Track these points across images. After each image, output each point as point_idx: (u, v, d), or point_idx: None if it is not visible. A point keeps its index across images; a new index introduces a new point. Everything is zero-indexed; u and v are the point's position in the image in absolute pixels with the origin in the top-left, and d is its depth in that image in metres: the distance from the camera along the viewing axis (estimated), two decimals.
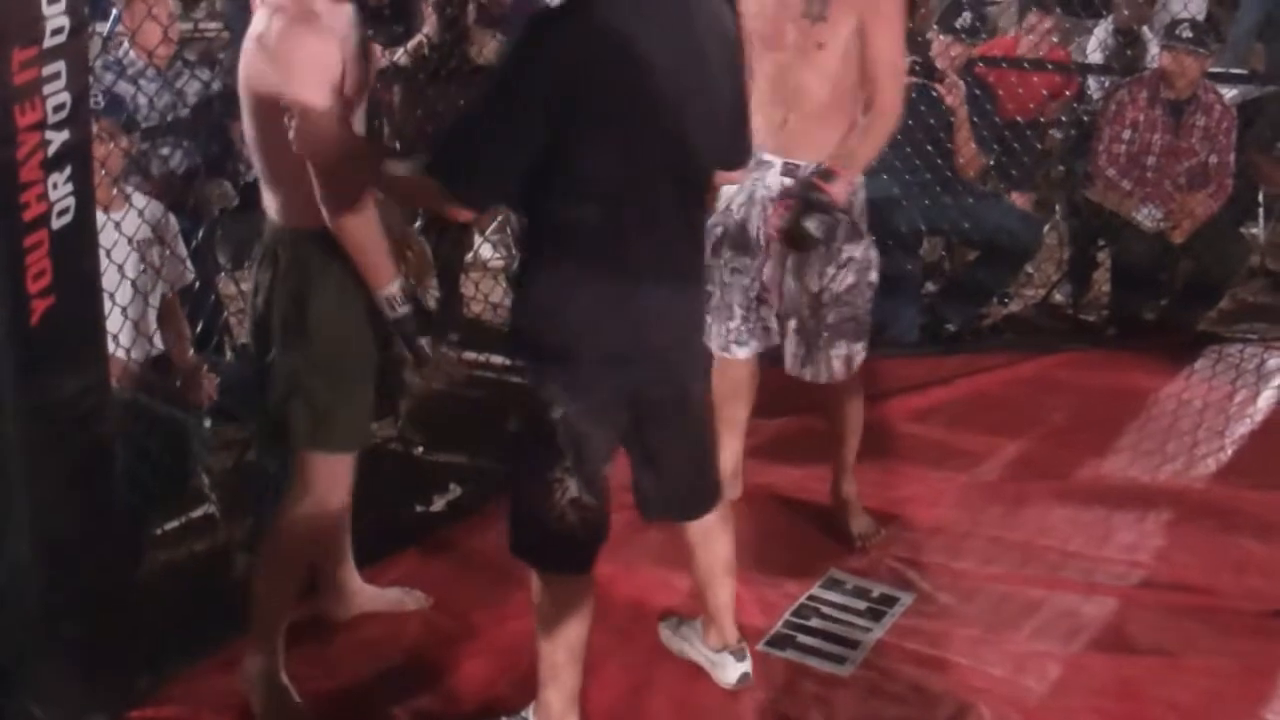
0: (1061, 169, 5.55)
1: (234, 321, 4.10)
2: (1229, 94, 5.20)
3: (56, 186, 2.43)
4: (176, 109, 4.25)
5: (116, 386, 2.94)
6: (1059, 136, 5.64)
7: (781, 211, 3.11)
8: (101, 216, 2.79)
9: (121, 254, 3.28)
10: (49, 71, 2.37)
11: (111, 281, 3.12)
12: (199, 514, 3.50)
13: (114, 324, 3.14)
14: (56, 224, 2.44)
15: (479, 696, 2.90)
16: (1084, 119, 5.45)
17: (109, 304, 2.99)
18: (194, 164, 4.16)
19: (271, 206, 2.66)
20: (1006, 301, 5.32)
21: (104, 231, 2.83)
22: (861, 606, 3.23)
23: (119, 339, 3.26)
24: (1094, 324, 5.18)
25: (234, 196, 4.06)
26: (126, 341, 3.35)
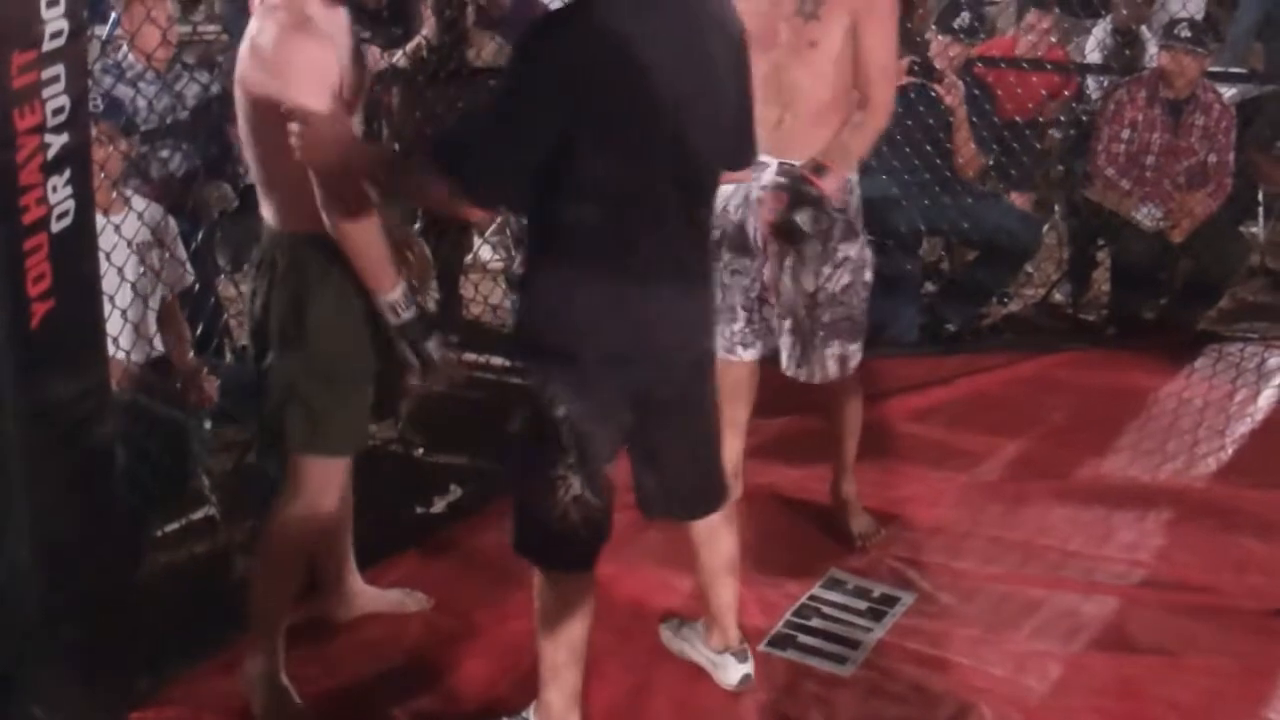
0: (1061, 169, 5.55)
1: (234, 324, 4.10)
2: (1228, 93, 5.20)
3: (56, 190, 2.42)
4: (176, 112, 4.26)
5: (117, 389, 2.94)
6: (1058, 136, 5.64)
7: (772, 205, 3.11)
8: (101, 219, 2.79)
9: (121, 257, 3.29)
10: (48, 75, 2.37)
11: (111, 284, 3.12)
12: (199, 516, 3.50)
13: (114, 326, 3.15)
14: (56, 227, 2.44)
15: (480, 697, 2.90)
16: (1083, 119, 5.45)
17: (109, 306, 3.00)
18: (193, 166, 4.17)
19: (269, 211, 2.66)
20: (1006, 301, 5.32)
21: (104, 234, 2.83)
22: (862, 606, 3.23)
23: (119, 341, 3.26)
24: (1094, 323, 5.18)
25: (233, 199, 4.06)
26: (127, 344, 3.35)
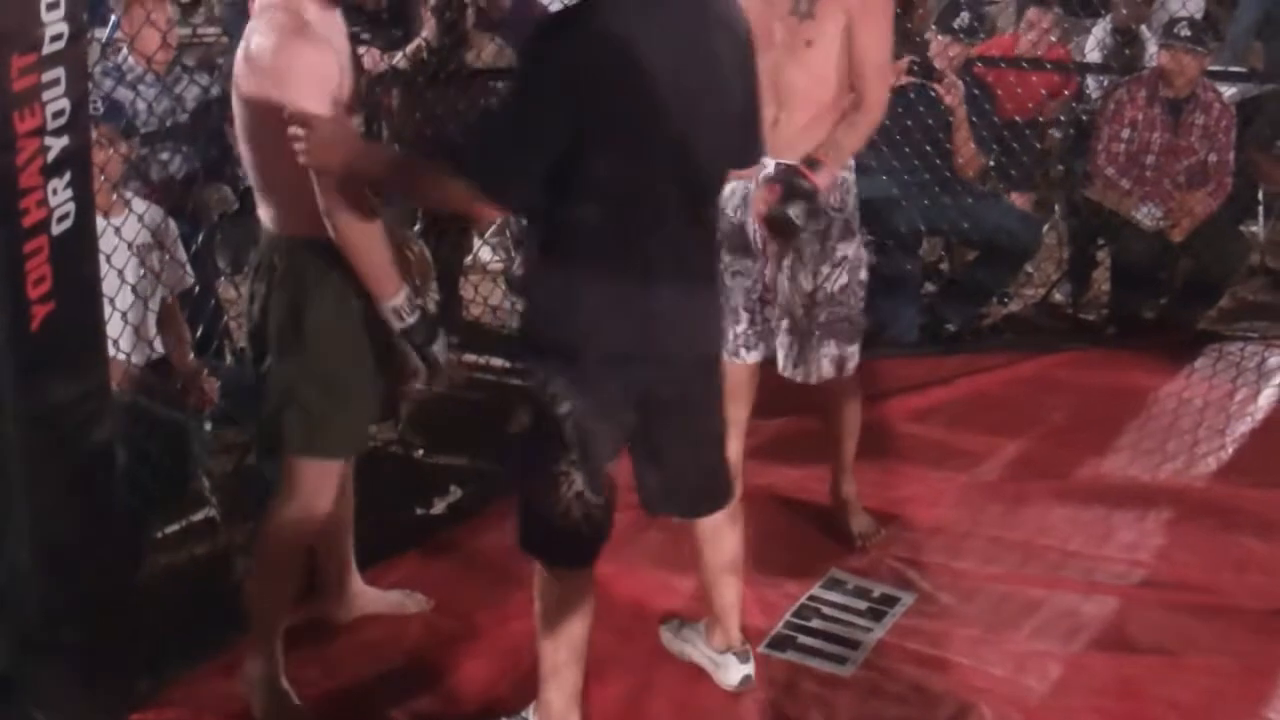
0: (1061, 168, 5.55)
1: (234, 326, 4.11)
2: (1228, 92, 5.20)
3: (56, 192, 2.43)
4: (175, 114, 4.26)
5: (117, 390, 2.94)
6: (1058, 136, 5.64)
7: (765, 197, 3.12)
8: (101, 222, 2.79)
9: (121, 259, 3.29)
10: (48, 78, 2.37)
11: (111, 286, 3.13)
12: (199, 517, 3.51)
13: (114, 329, 3.15)
14: (56, 229, 2.44)
15: (480, 698, 2.90)
16: (1083, 118, 5.45)
17: (109, 308, 3.00)
18: (193, 169, 4.17)
19: (267, 215, 2.65)
20: (1006, 301, 5.32)
21: (104, 237, 2.83)
22: (862, 607, 3.23)
23: (119, 343, 3.26)
24: (1094, 323, 5.18)
25: (233, 201, 4.06)
26: (127, 346, 3.35)
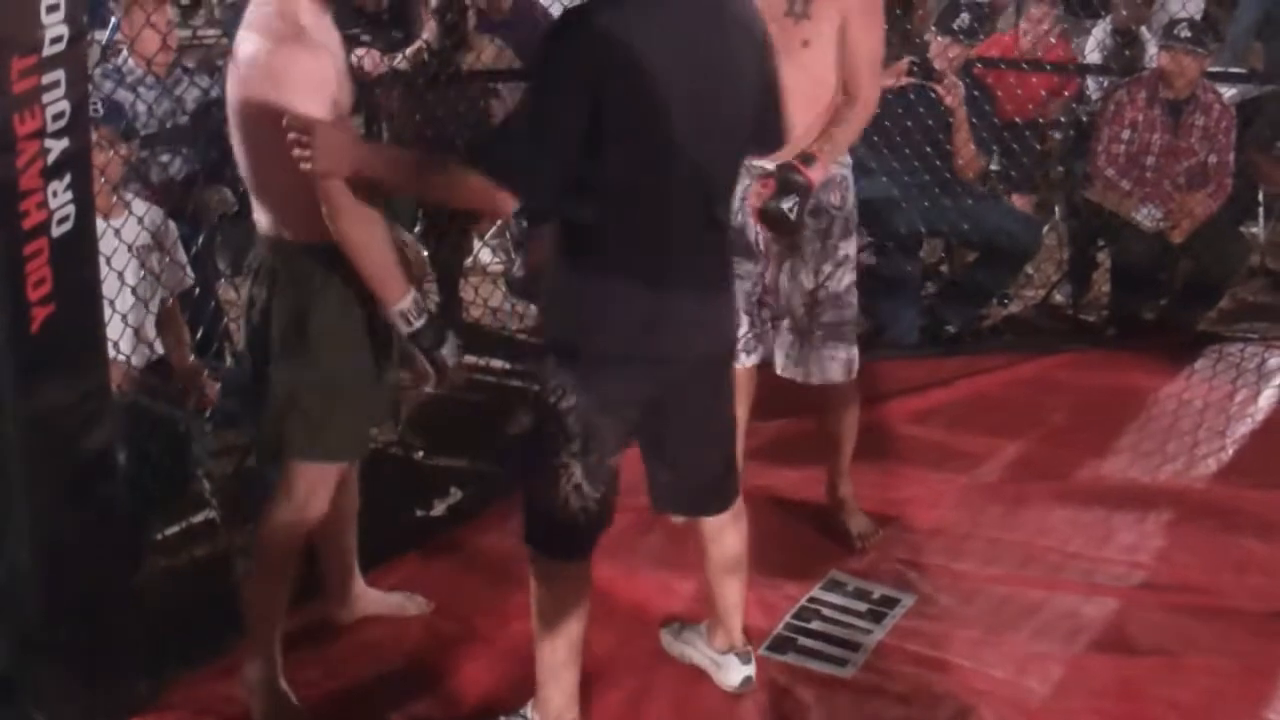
0: (1061, 170, 5.55)
1: (234, 327, 4.11)
2: (1228, 93, 5.20)
3: (56, 194, 2.43)
4: (176, 116, 4.26)
5: (117, 392, 2.94)
6: (1058, 137, 5.64)
7: (759, 192, 3.13)
8: (101, 223, 2.79)
9: (121, 261, 3.29)
10: (48, 80, 2.37)
11: (112, 288, 3.13)
12: (199, 519, 3.51)
13: (114, 330, 3.15)
14: (56, 232, 2.44)
15: (480, 699, 2.90)
16: (1083, 119, 5.45)
17: (109, 310, 3.00)
18: (193, 170, 4.17)
19: (265, 220, 2.63)
20: (1006, 302, 5.33)
21: (104, 238, 2.83)
22: (862, 608, 3.23)
23: (119, 345, 3.26)
24: (1094, 324, 5.18)
25: (233, 202, 4.06)
26: (127, 348, 3.35)
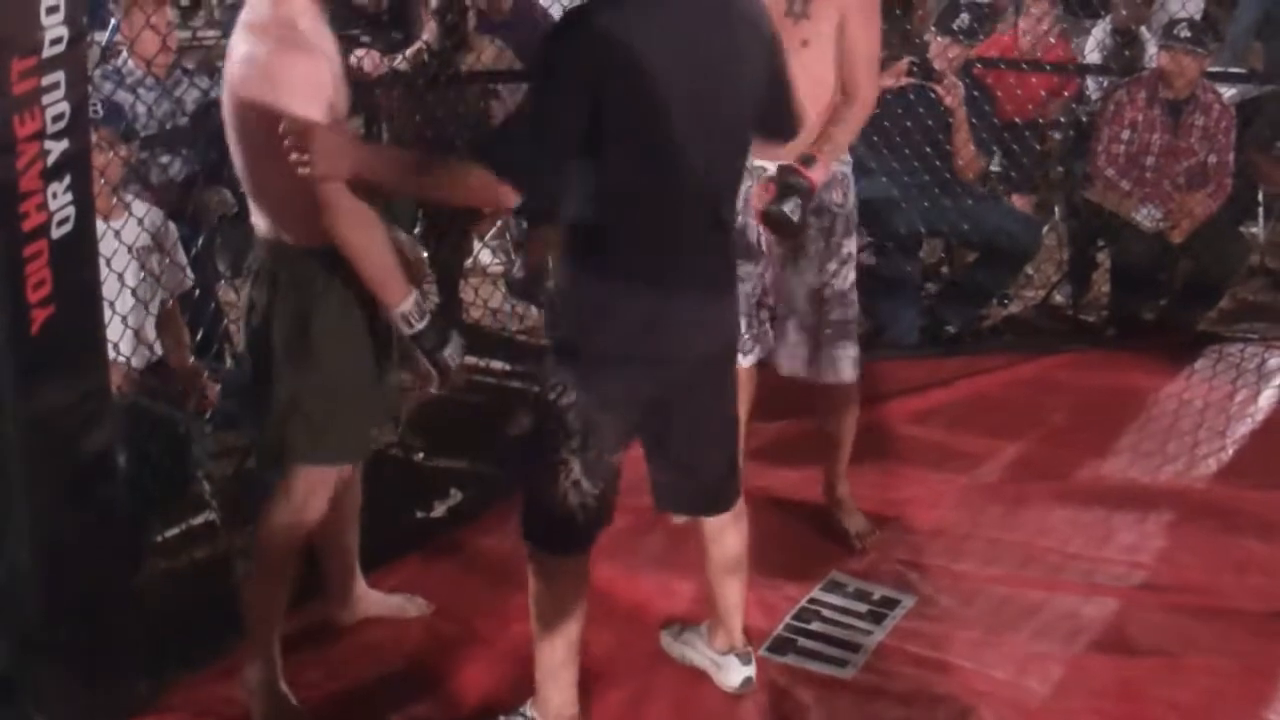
0: (1061, 170, 5.55)
1: (233, 329, 4.11)
2: (1228, 93, 5.20)
3: (56, 196, 2.43)
4: (175, 117, 4.26)
5: (117, 393, 2.94)
6: (1058, 138, 5.64)
7: (761, 195, 3.14)
8: (101, 225, 2.79)
9: (121, 262, 3.29)
10: (48, 81, 2.37)
11: (112, 290, 3.13)
12: (200, 521, 3.50)
13: (114, 332, 3.15)
14: (56, 233, 2.44)
15: (481, 701, 2.89)
16: (1082, 120, 5.45)
17: (109, 312, 3.00)
18: (193, 172, 4.17)
19: (264, 224, 2.63)
20: (1006, 303, 5.32)
21: (104, 240, 2.83)
22: (862, 609, 3.23)
23: (119, 347, 3.26)
24: (1094, 324, 5.18)
25: (233, 204, 4.06)
26: (127, 349, 3.35)
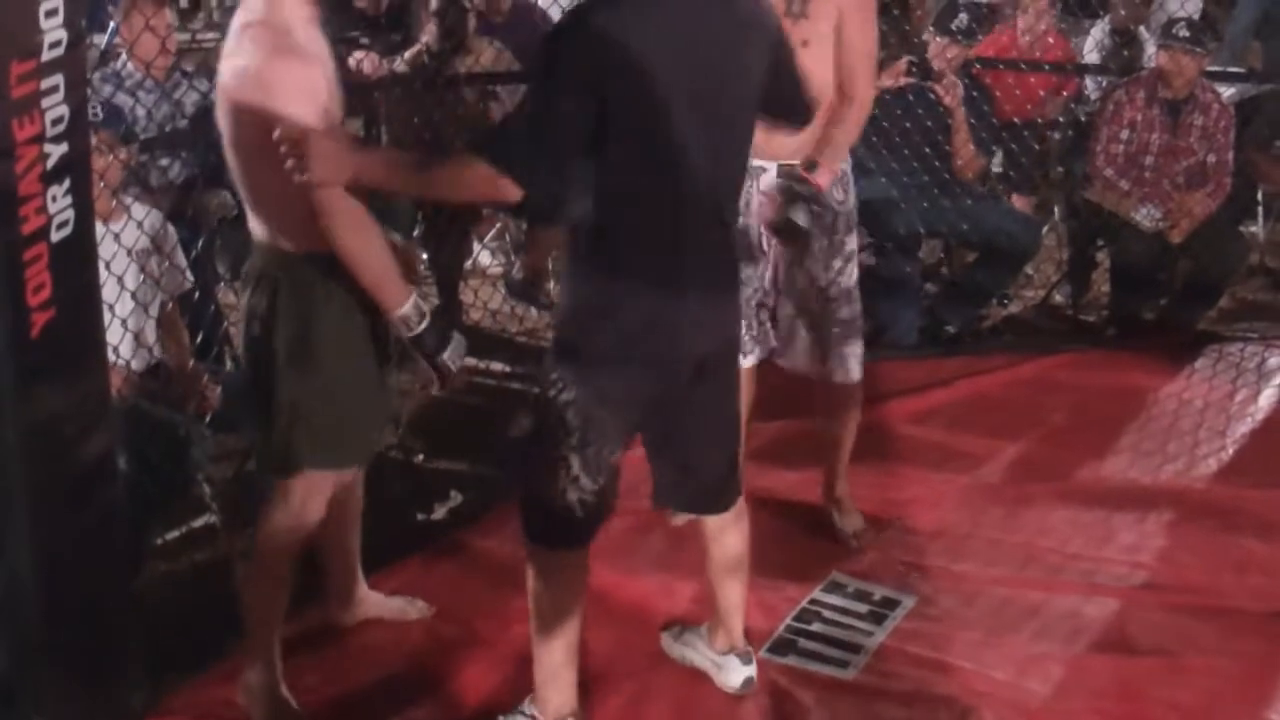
0: (1060, 170, 5.55)
1: (233, 331, 4.10)
2: (1227, 92, 5.21)
3: (56, 199, 2.42)
4: (175, 120, 4.26)
5: (117, 396, 2.94)
6: (1057, 138, 5.64)
7: (769, 205, 3.15)
8: (101, 228, 2.79)
9: (121, 265, 3.29)
10: (47, 85, 2.37)
11: (111, 292, 3.13)
12: (200, 524, 3.50)
13: (114, 335, 3.15)
14: (56, 237, 2.44)
15: (481, 703, 2.89)
16: (1082, 119, 5.45)
17: (109, 315, 3.00)
18: (193, 174, 4.17)
19: (262, 232, 2.62)
20: (1006, 303, 5.33)
21: (103, 243, 2.83)
22: (863, 610, 3.23)
23: (119, 349, 3.26)
24: (1093, 324, 5.18)
25: (233, 206, 4.06)
26: (127, 352, 3.35)
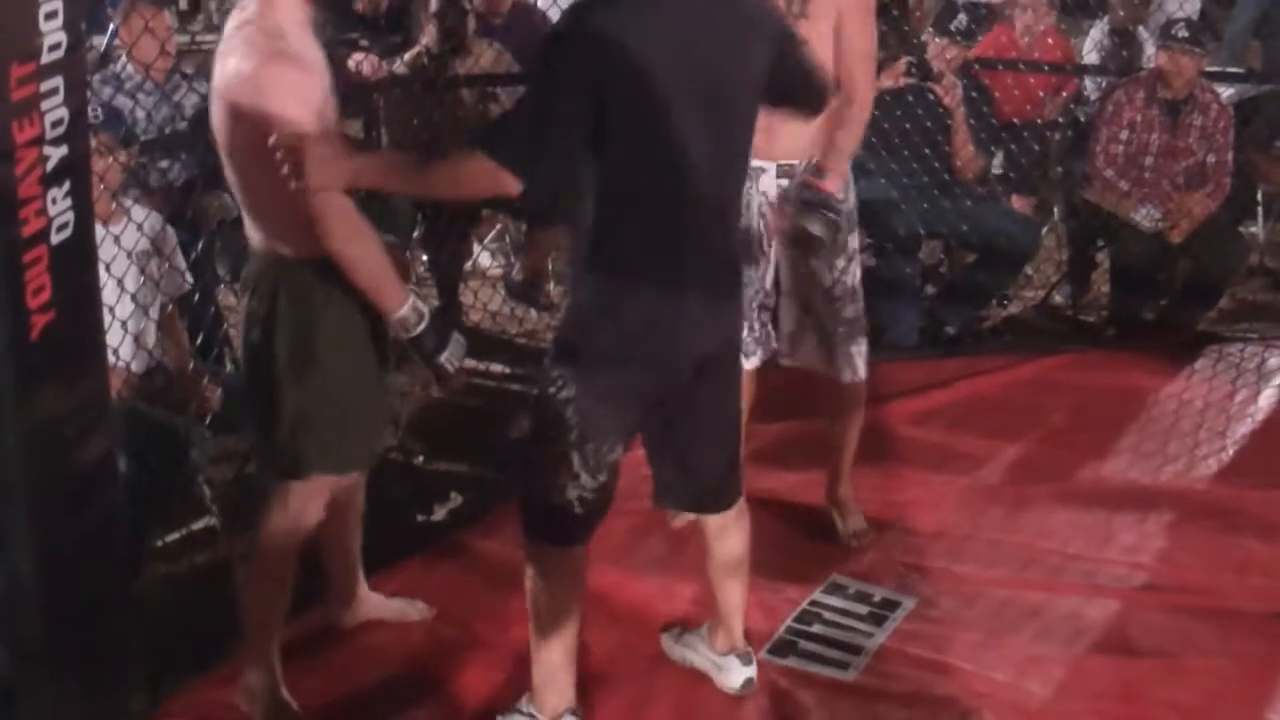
0: (1059, 170, 5.55)
1: (233, 333, 4.10)
2: (1226, 93, 5.21)
3: (55, 201, 2.42)
4: (174, 122, 4.26)
5: (117, 398, 2.94)
6: (1056, 138, 5.64)
7: (781, 215, 3.15)
8: (100, 230, 2.78)
9: (121, 267, 3.29)
10: (47, 87, 2.36)
11: (111, 294, 3.12)
12: (200, 526, 3.50)
13: (114, 337, 3.15)
14: (56, 239, 2.43)
15: (481, 704, 2.89)
16: (1081, 120, 5.45)
17: (108, 317, 3.00)
18: (192, 176, 4.16)
19: (260, 238, 2.62)
20: (1006, 303, 5.32)
21: (103, 245, 2.83)
22: (864, 611, 3.23)
23: (119, 351, 3.26)
24: (1093, 325, 5.18)
25: (232, 208, 4.04)
26: (127, 354, 3.35)
